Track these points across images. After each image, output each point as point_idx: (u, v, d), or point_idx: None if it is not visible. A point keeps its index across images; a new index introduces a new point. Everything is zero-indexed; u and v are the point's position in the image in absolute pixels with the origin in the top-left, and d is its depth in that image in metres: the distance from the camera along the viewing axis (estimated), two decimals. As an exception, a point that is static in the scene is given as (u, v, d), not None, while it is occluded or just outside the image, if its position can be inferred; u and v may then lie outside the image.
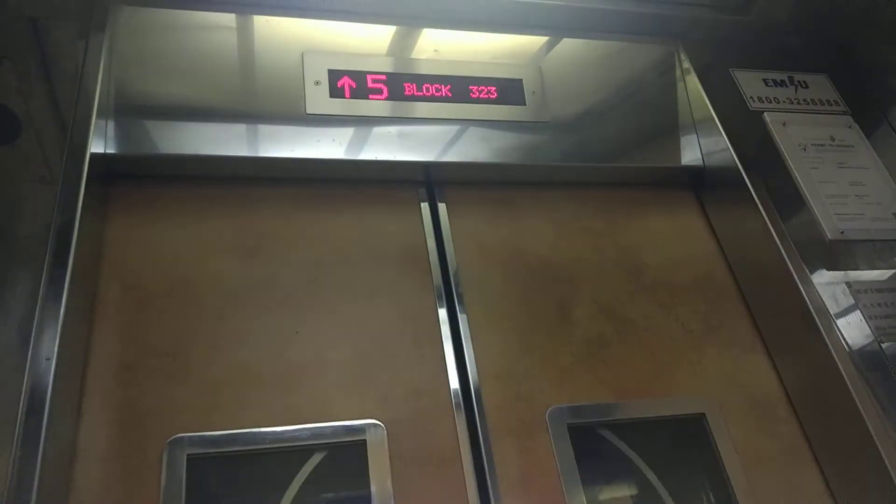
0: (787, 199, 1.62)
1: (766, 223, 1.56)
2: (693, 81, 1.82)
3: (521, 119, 1.67)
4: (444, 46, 1.71)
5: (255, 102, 1.52)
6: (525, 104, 1.68)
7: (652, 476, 1.38)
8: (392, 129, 1.58)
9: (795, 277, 1.49)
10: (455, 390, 1.38)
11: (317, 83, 1.56)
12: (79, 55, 1.42)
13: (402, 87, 1.62)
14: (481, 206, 1.65)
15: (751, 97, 1.80)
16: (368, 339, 1.40)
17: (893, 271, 1.57)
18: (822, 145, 1.73)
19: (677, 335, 1.57)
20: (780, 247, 1.53)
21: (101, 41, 1.45)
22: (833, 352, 1.41)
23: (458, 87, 1.65)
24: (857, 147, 1.76)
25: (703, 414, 1.45)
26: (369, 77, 1.60)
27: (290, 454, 1.26)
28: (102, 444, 1.18)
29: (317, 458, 1.27)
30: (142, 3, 1.54)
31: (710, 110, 1.75)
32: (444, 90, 1.64)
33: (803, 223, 1.60)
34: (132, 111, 1.44)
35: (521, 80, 1.71)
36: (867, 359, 1.41)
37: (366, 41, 1.66)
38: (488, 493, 1.28)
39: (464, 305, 1.49)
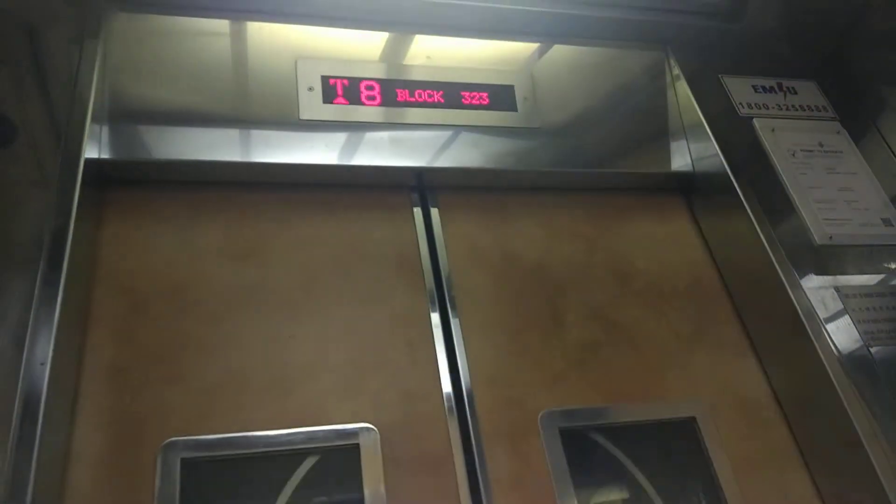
0: (776, 204, 1.63)
1: (755, 228, 1.57)
2: (683, 87, 1.83)
3: (512, 125, 1.68)
4: (436, 53, 1.72)
5: (248, 108, 1.52)
6: (517, 110, 1.69)
7: (643, 479, 1.39)
8: (384, 135, 1.58)
9: (784, 282, 1.50)
10: (448, 394, 1.39)
11: (310, 89, 1.57)
12: (73, 61, 1.42)
13: (395, 93, 1.62)
14: (473, 211, 1.66)
15: (740, 103, 1.81)
16: (362, 343, 1.41)
17: (881, 276, 1.58)
18: (810, 151, 1.74)
19: (668, 339, 1.58)
20: (769, 252, 1.54)
21: (95, 47, 1.45)
22: (822, 356, 1.41)
23: (451, 94, 1.66)
24: (845, 153, 1.77)
25: (694, 417, 1.46)
26: (362, 83, 1.61)
27: (284, 458, 1.26)
28: (97, 449, 1.18)
29: (310, 462, 1.27)
30: (135, 9, 1.54)
31: (699, 116, 1.76)
32: (436, 96, 1.65)
33: (792, 228, 1.61)
34: (126, 117, 1.45)
35: (512, 86, 1.72)
36: (856, 363, 1.42)
37: (359, 48, 1.67)
38: (480, 497, 1.28)
39: (456, 310, 1.50)
